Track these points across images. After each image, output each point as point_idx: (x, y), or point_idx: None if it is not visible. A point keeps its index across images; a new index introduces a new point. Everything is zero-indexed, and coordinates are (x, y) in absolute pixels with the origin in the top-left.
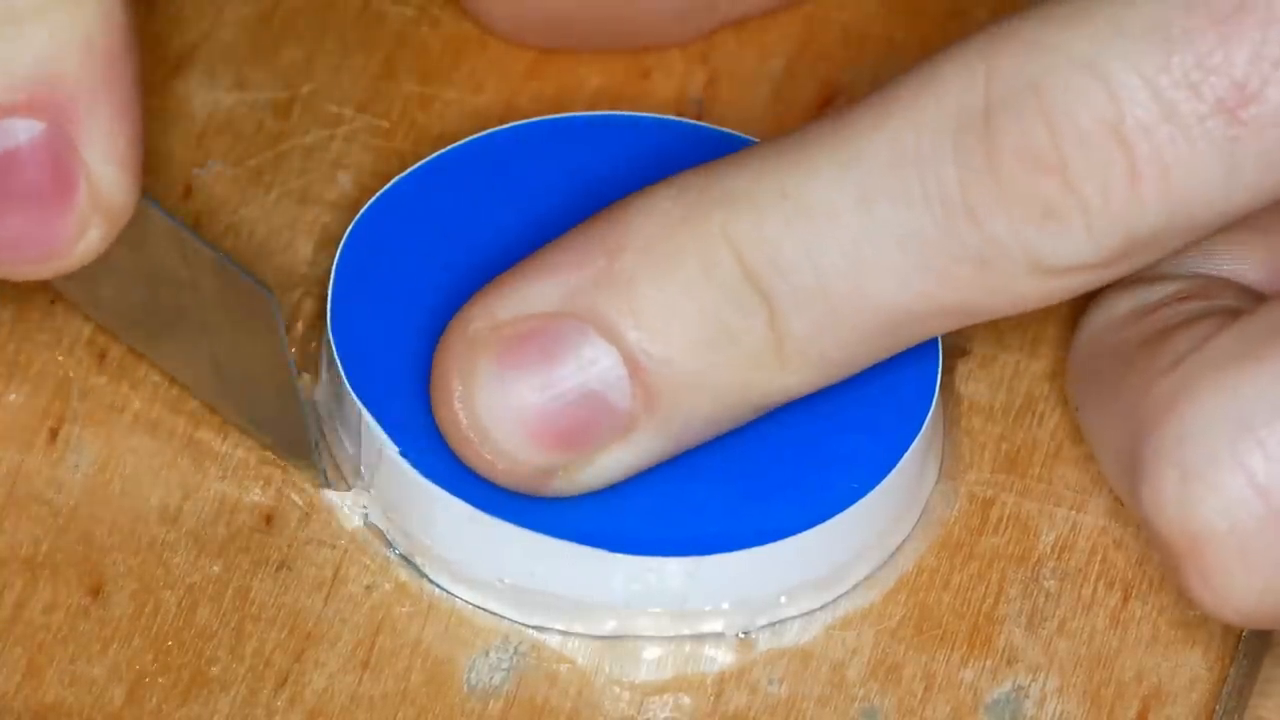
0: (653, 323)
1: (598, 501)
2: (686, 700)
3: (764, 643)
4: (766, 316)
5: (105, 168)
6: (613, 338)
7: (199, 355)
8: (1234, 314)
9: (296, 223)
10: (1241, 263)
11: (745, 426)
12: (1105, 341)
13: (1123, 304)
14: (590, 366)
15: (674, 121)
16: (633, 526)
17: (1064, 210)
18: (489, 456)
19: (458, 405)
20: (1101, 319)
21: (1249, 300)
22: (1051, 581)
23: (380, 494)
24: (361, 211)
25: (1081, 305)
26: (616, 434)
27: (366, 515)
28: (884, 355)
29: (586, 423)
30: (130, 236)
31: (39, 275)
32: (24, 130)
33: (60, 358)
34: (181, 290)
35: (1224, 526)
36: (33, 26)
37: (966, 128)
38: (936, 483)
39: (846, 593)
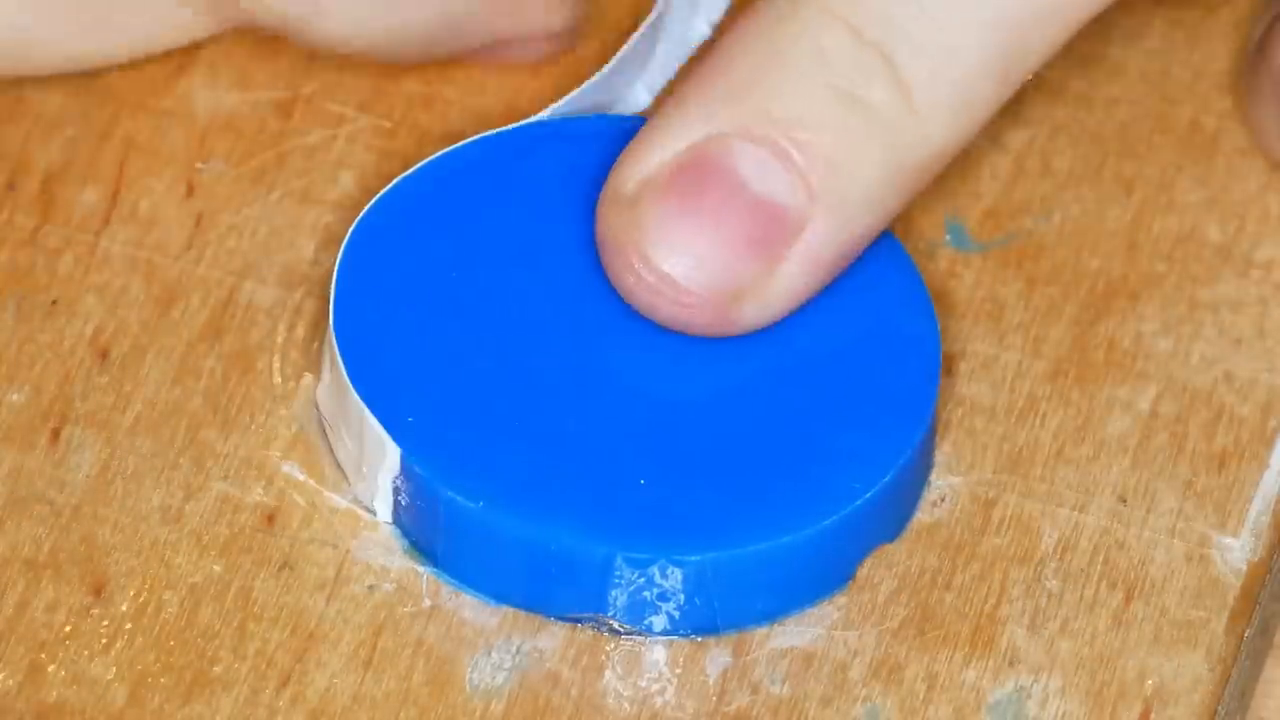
0: (787, 113)
1: (600, 500)
2: (688, 700)
3: (766, 642)
4: (888, 72)
5: None
6: (757, 139)
7: None
8: None
9: (299, 223)
10: None
11: (746, 426)
12: None
13: None
14: (747, 175)
15: None
16: (634, 526)
17: None
18: (683, 300)
19: (639, 266)
20: None
21: None
22: (1054, 582)
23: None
24: (364, 212)
25: None
26: (793, 233)
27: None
28: (1011, 88)
29: (764, 230)
30: None
31: None
32: None
33: (62, 358)
34: None
35: None
36: None
37: None
38: (939, 483)
39: (848, 593)
